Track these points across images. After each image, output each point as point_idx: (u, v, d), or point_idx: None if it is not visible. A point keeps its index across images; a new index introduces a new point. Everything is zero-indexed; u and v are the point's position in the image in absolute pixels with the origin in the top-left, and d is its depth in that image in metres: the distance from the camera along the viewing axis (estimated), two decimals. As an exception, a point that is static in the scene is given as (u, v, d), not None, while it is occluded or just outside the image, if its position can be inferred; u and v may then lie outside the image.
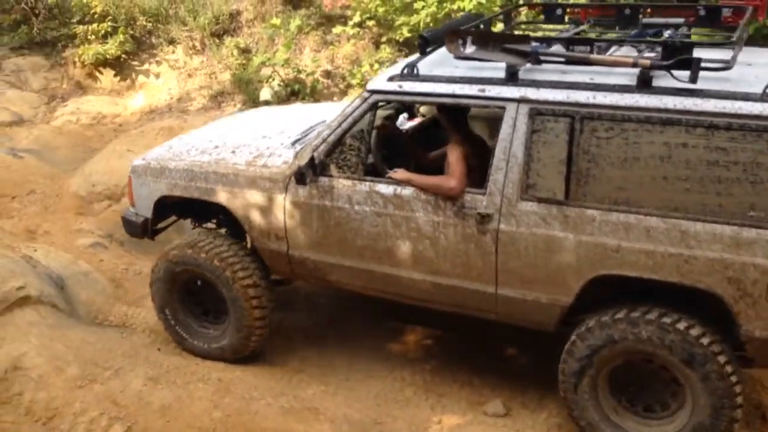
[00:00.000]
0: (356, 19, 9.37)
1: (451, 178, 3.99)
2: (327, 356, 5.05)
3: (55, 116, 10.33)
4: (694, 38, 4.43)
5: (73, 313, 5.31)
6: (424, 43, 4.38)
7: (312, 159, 4.25)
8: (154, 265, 4.93)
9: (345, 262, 4.40)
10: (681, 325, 3.58)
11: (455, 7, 8.27)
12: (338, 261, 4.42)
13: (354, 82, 9.48)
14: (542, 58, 3.93)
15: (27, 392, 4.29)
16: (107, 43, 10.76)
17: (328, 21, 10.26)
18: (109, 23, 10.77)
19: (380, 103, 4.35)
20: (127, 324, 5.37)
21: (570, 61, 3.89)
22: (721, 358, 3.55)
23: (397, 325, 5.37)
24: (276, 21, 9.95)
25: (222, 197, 4.63)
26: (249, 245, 4.83)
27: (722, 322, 3.59)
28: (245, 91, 9.94)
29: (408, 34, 8.91)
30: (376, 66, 9.33)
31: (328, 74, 10.08)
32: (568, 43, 4.02)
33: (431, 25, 8.30)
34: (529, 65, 3.91)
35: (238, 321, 4.67)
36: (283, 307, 5.60)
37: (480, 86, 3.92)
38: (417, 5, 8.60)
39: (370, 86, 4.26)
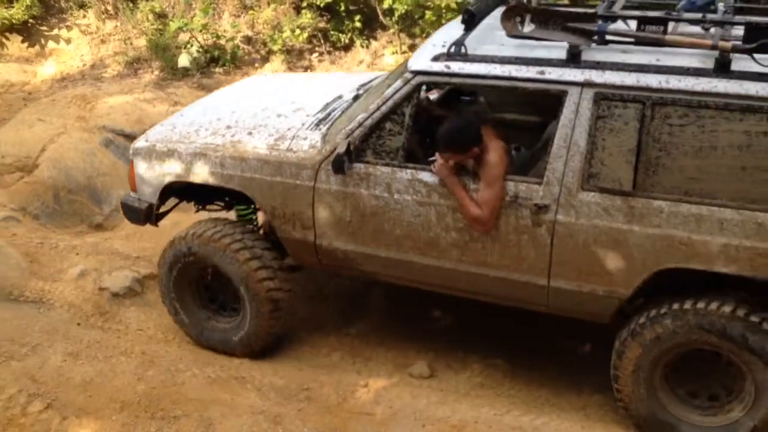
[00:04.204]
0: (276, -17, 9.23)
1: (484, 210, 3.74)
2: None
3: (-41, 85, 9.82)
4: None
5: (-15, 290, 5.12)
6: (470, 19, 3.99)
7: (349, 145, 3.97)
8: (160, 256, 4.68)
9: (381, 253, 4.16)
10: (755, 318, 3.49)
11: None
12: (374, 251, 4.17)
13: (275, 48, 9.35)
14: (609, 38, 3.66)
15: (-62, 372, 4.15)
16: (13, 7, 10.24)
17: (248, -15, 10.06)
18: (15, -14, 10.26)
19: (424, 86, 4.06)
20: (44, 299, 5.19)
21: (642, 42, 3.63)
22: None
23: (324, 291, 5.39)
24: (193, -16, 9.69)
25: (240, 184, 4.33)
26: (261, 229, 4.64)
27: None
28: (162, 57, 9.66)
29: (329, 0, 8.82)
30: (298, 32, 9.22)
31: (248, 40, 9.90)
32: (640, 22, 3.70)
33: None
34: (592, 46, 3.66)
35: (254, 311, 4.45)
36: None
37: (539, 68, 3.65)
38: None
39: (414, 66, 3.92)
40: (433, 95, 4.57)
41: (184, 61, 9.39)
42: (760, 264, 3.40)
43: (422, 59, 3.93)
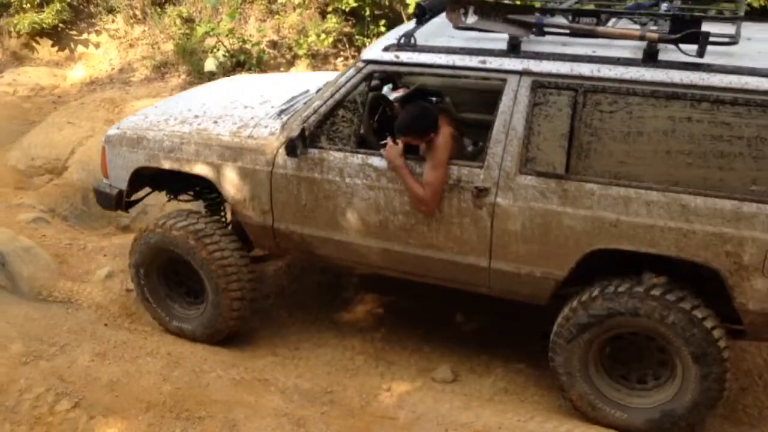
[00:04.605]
0: (302, -13, 9.27)
1: (426, 192, 3.90)
2: (277, 327, 5.07)
3: (-9, 88, 10.00)
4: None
5: (15, 290, 5.20)
6: (421, 12, 4.23)
7: (303, 131, 4.14)
8: (131, 246, 4.81)
9: (334, 236, 4.31)
10: (684, 303, 3.61)
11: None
12: (327, 234, 4.32)
13: (300, 52, 9.39)
14: (546, 29, 3.85)
15: (-31, 370, 4.22)
16: (43, 12, 10.41)
17: (273, -10, 10.12)
18: (45, -9, 10.43)
19: (375, 74, 4.24)
20: (72, 300, 5.28)
21: (576, 33, 3.81)
22: (716, 333, 3.60)
23: (349, 295, 5.41)
24: (219, -11, 9.77)
25: (204, 169, 4.50)
26: (229, 219, 4.74)
27: (716, 295, 3.63)
28: (189, 61, 9.75)
29: (354, 4, 8.85)
30: (323, 36, 9.25)
31: (274, 44, 9.95)
32: (573, 14, 3.94)
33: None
34: (531, 37, 3.85)
35: (215, 300, 4.59)
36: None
37: (481, 58, 3.83)
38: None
39: (365, 56, 4.14)
40: (398, 93, 4.74)
41: (210, 65, 9.46)
42: (684, 245, 3.54)
43: (374, 50, 4.14)
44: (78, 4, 10.76)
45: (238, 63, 9.61)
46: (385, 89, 4.76)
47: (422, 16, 4.25)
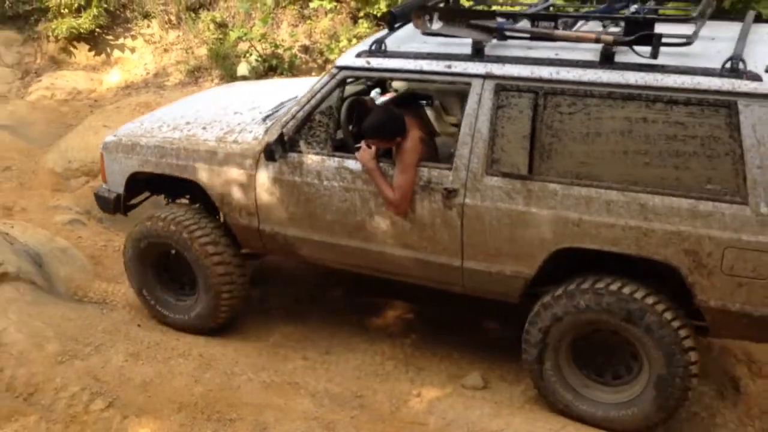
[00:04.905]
0: (333, -7, 9.32)
1: (396, 194, 4.03)
2: (308, 331, 5.09)
3: (30, 91, 10.19)
4: (662, 13, 4.47)
5: (52, 290, 5.29)
6: (392, 19, 4.37)
7: (281, 135, 4.30)
8: (126, 237, 5.02)
9: (314, 237, 4.47)
10: (638, 295, 3.70)
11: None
12: (308, 235, 4.49)
13: (332, 57, 9.43)
14: (508, 34, 3.97)
15: (7, 368, 4.28)
16: (81, 17, 10.58)
17: (306, -5, 10.19)
18: (82, -4, 10.60)
19: (349, 80, 4.38)
20: (107, 300, 5.36)
21: (535, 37, 3.92)
22: (675, 324, 3.67)
23: (378, 300, 5.42)
24: (253, -6, 9.86)
25: (193, 173, 4.67)
26: (222, 220, 4.86)
27: (680, 293, 3.71)
28: (222, 66, 9.85)
29: (386, 9, 8.87)
30: (354, 41, 9.28)
31: (306, 49, 10.01)
32: (533, 18, 4.05)
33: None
34: (495, 41, 3.96)
35: (207, 292, 4.76)
36: (265, 283, 5.63)
37: (447, 62, 3.94)
38: (395, -20, 8.58)
39: (339, 62, 4.28)
40: (379, 101, 4.77)
41: (243, 69, 9.54)
42: (644, 243, 3.60)
43: (347, 56, 4.28)
44: (114, 10, 10.92)
45: (271, 67, 9.69)
46: (373, 93, 4.86)
47: (393, 23, 4.38)
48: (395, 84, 5.22)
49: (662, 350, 3.69)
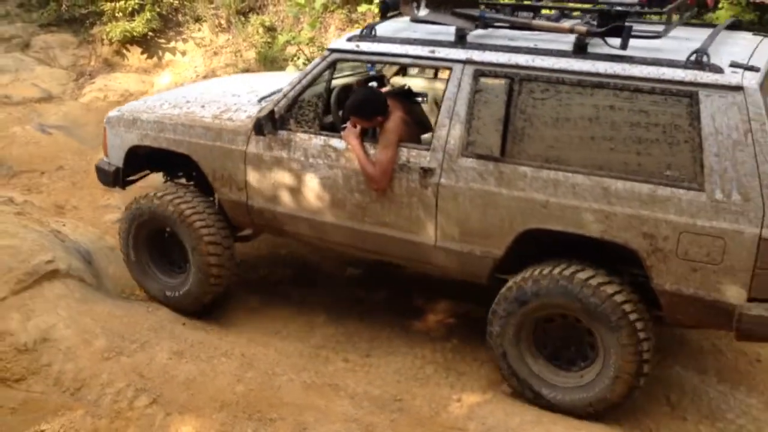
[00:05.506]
0: (381, -3, 9.32)
1: (376, 170, 4.21)
2: (349, 333, 5.10)
3: (83, 93, 10.43)
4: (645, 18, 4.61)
5: (100, 287, 5.40)
6: (384, 7, 4.63)
7: (272, 112, 4.50)
8: (123, 211, 5.27)
9: (300, 213, 4.66)
10: (593, 280, 3.81)
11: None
12: (294, 212, 4.68)
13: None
14: (488, 22, 4.18)
15: (55, 363, 4.39)
16: (134, 20, 10.82)
17: (354, -1, 10.23)
18: (136, 0, 10.82)
19: (339, 61, 4.56)
20: (152, 299, 5.46)
21: (514, 26, 4.17)
22: (627, 308, 3.77)
23: (419, 303, 5.40)
24: (301, -1, 9.93)
25: (188, 148, 4.91)
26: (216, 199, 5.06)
27: (642, 280, 3.82)
28: (270, 69, 9.94)
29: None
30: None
31: (353, 53, 10.03)
32: (513, 9, 4.36)
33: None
34: (480, 30, 4.20)
35: (196, 274, 4.96)
36: (305, 284, 5.67)
37: (431, 48, 4.16)
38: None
39: (331, 46, 4.54)
40: (385, 89, 5.02)
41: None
42: (606, 227, 3.73)
43: (340, 40, 4.55)
44: (167, 14, 11.13)
45: (318, 71, 9.72)
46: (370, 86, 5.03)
47: (386, 11, 4.68)
48: (392, 80, 5.47)
49: (609, 329, 3.81)
